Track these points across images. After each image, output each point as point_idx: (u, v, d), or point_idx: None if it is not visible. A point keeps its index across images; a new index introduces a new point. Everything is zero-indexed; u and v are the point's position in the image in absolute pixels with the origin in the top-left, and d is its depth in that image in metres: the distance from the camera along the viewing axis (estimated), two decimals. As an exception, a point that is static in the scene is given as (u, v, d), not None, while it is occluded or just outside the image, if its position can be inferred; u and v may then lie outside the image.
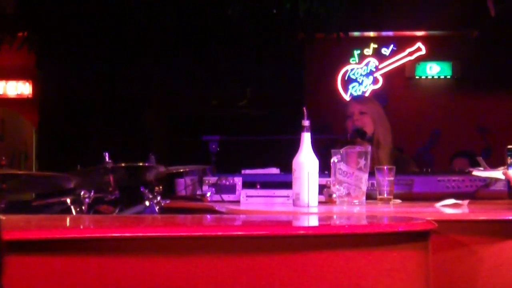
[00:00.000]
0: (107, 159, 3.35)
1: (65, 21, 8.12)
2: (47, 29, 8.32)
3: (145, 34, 8.29)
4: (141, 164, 3.49)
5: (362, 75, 10.38)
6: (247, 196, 3.47)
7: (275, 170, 3.87)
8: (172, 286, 1.90)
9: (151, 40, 8.46)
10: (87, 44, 8.37)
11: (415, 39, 10.30)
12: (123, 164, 3.42)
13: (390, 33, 10.51)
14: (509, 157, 3.13)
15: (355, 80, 10.38)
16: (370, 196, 3.35)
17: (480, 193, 3.47)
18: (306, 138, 3.11)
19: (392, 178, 3.33)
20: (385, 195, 3.32)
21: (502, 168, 3.36)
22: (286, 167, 3.33)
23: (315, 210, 3.03)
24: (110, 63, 8.66)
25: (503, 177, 3.20)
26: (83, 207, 3.22)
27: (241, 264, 1.95)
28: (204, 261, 1.93)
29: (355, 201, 3.16)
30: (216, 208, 3.24)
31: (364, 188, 3.18)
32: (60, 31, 8.27)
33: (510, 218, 2.59)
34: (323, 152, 3.32)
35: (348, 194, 3.16)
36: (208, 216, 3.07)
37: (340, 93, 10.29)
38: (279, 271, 1.96)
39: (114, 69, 8.75)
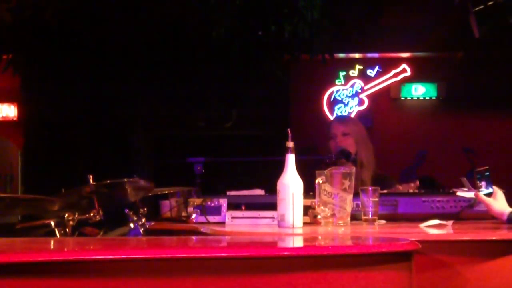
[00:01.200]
0: (91, 181, 3.34)
1: (49, 43, 8.11)
2: (32, 51, 8.31)
3: (131, 56, 8.29)
4: (125, 179, 3.48)
5: (347, 96, 10.41)
6: (232, 218, 3.47)
7: (260, 192, 3.87)
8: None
9: (137, 62, 8.46)
10: (72, 66, 8.37)
11: (400, 61, 10.36)
12: (108, 181, 3.41)
13: (376, 55, 10.56)
14: (478, 180, 3.17)
15: (341, 101, 10.41)
16: (355, 217, 3.36)
17: (464, 213, 3.48)
18: (291, 159, 3.11)
19: (376, 199, 3.34)
20: (370, 216, 3.32)
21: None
22: (271, 188, 3.34)
23: (300, 231, 3.03)
24: (95, 85, 8.65)
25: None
26: (67, 230, 3.21)
27: (227, 285, 1.94)
28: (190, 283, 1.93)
29: (340, 222, 3.16)
30: (201, 230, 3.23)
31: (348, 209, 3.19)
32: (45, 54, 8.26)
33: (494, 238, 2.60)
34: (308, 173, 3.33)
35: (333, 215, 3.17)
36: (193, 237, 3.07)
37: (325, 114, 10.31)
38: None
39: (99, 91, 8.74)
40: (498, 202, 3.17)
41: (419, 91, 10.43)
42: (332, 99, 10.44)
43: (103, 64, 8.40)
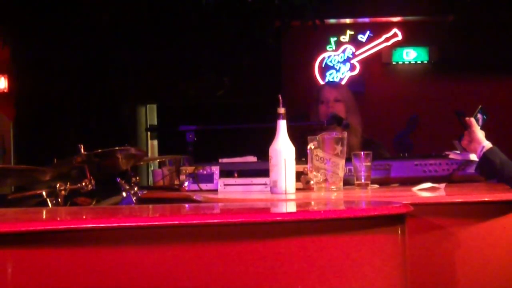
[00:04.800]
0: (82, 150, 3.32)
1: (39, 14, 8.07)
2: (21, 22, 8.27)
3: (121, 26, 8.25)
4: (116, 148, 3.47)
5: (339, 62, 10.40)
6: (224, 185, 3.46)
7: (252, 158, 3.86)
8: (150, 276, 1.89)
9: (127, 32, 8.43)
10: (62, 37, 8.33)
11: (391, 25, 10.33)
12: (99, 150, 3.39)
13: (366, 20, 10.53)
14: (478, 113, 3.26)
15: (333, 67, 10.39)
16: (347, 182, 3.36)
17: (456, 176, 3.49)
18: (282, 125, 3.10)
19: (369, 164, 3.33)
20: (363, 181, 3.32)
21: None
22: (263, 155, 3.32)
23: (293, 196, 3.03)
24: (86, 55, 8.63)
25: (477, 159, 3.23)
26: (59, 200, 3.20)
27: (220, 251, 1.94)
28: (183, 250, 1.92)
29: (332, 187, 3.16)
30: (194, 198, 3.22)
31: (341, 174, 3.19)
32: (35, 24, 8.22)
33: (486, 199, 2.60)
34: (300, 139, 3.32)
35: (326, 180, 3.16)
36: (186, 205, 3.07)
37: (317, 81, 10.30)
38: (258, 257, 1.96)
39: (90, 61, 8.71)
40: (481, 133, 3.22)
41: (410, 55, 10.42)
42: (323, 65, 10.42)
43: (94, 34, 8.37)
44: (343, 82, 10.00)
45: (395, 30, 10.26)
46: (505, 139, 8.32)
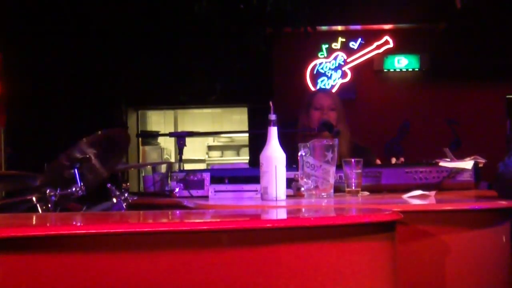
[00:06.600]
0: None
1: (31, 19, 8.07)
2: (13, 27, 8.26)
3: (114, 31, 8.25)
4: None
5: (330, 69, 10.41)
6: (215, 191, 3.46)
7: (243, 165, 3.86)
8: (140, 282, 1.89)
9: (120, 37, 8.43)
10: (55, 42, 8.32)
11: (382, 33, 10.35)
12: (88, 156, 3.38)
13: (358, 27, 10.55)
14: None
15: (324, 74, 10.40)
16: (338, 189, 3.36)
17: (446, 183, 3.50)
18: (273, 132, 3.10)
19: (359, 171, 3.33)
20: (353, 188, 3.32)
21: (469, 158, 3.40)
22: (254, 161, 3.32)
23: (283, 203, 3.03)
24: (78, 61, 8.62)
25: (469, 167, 3.23)
26: (49, 205, 3.19)
27: (210, 258, 1.94)
28: (173, 256, 1.92)
29: (323, 194, 3.15)
30: (185, 204, 3.22)
31: (332, 181, 3.18)
32: (27, 30, 8.21)
33: (476, 207, 2.61)
34: (291, 146, 3.32)
35: (316, 187, 3.16)
36: (177, 211, 3.06)
37: (309, 87, 10.31)
38: (247, 264, 1.96)
39: (82, 67, 8.70)
40: None
41: (402, 63, 10.45)
42: (315, 72, 10.43)
43: (86, 39, 8.37)
44: (334, 89, 10.03)
45: (386, 37, 10.29)
46: (493, 147, 8.36)
